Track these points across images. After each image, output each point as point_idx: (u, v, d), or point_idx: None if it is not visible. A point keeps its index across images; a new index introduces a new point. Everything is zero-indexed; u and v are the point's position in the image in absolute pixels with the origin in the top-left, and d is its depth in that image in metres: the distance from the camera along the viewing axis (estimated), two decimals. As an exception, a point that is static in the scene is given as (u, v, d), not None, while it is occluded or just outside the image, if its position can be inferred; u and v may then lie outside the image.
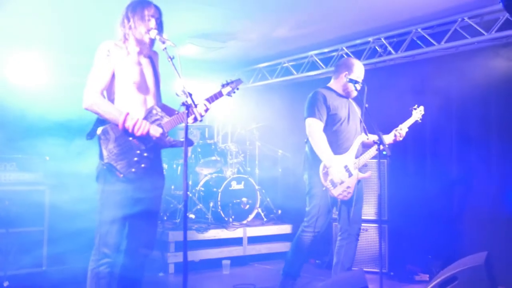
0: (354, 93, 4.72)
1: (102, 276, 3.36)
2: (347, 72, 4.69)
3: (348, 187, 4.53)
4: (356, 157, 4.63)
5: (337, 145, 4.60)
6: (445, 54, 5.98)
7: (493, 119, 5.59)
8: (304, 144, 4.79)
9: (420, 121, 4.98)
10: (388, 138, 4.80)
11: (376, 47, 6.49)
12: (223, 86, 3.76)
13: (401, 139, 4.83)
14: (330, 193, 4.49)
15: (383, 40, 6.34)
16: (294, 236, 4.81)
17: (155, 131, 3.42)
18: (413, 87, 6.26)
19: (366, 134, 4.79)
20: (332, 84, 4.81)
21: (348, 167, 4.55)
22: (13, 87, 6.50)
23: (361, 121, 4.80)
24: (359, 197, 4.69)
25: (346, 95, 4.76)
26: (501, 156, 5.48)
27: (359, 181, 4.68)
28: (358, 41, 6.63)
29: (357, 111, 4.83)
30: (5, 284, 4.93)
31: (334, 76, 4.82)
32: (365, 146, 4.76)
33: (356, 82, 4.60)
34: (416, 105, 4.94)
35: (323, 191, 4.52)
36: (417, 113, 4.95)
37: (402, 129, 4.83)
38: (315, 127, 4.56)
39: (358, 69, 4.71)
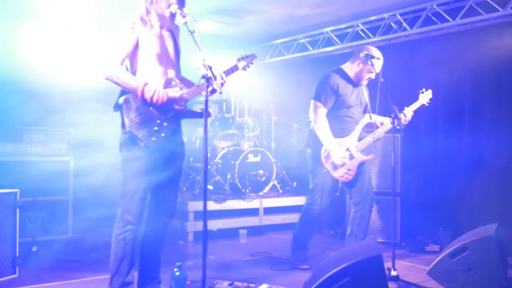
0: (364, 83, 4.84)
1: (125, 242, 3.50)
2: (362, 62, 4.74)
3: (350, 169, 4.71)
4: (359, 140, 4.78)
5: (341, 129, 4.78)
6: (460, 30, 6.02)
7: (505, 94, 5.65)
8: (309, 122, 4.93)
9: (427, 104, 4.95)
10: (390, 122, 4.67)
11: (391, 23, 6.53)
12: (238, 60, 3.85)
13: (406, 123, 4.80)
14: (331, 175, 4.72)
15: (398, 17, 6.38)
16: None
17: (174, 95, 3.53)
18: (428, 63, 6.32)
19: (370, 117, 4.87)
20: (347, 67, 4.89)
21: (350, 150, 4.72)
22: (37, 61, 6.62)
23: (366, 105, 4.92)
24: (365, 171, 4.82)
25: (357, 82, 4.85)
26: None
27: (362, 163, 4.79)
28: (373, 17, 6.66)
29: (365, 94, 4.95)
30: (34, 249, 5.16)
31: (351, 60, 4.87)
32: (371, 127, 4.87)
33: (372, 57, 4.61)
34: (424, 89, 4.93)
35: (327, 173, 4.75)
36: (424, 97, 4.93)
37: (407, 113, 4.82)
38: (318, 112, 4.72)
39: (375, 63, 4.66)
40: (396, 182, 5.99)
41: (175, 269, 3.73)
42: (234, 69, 3.79)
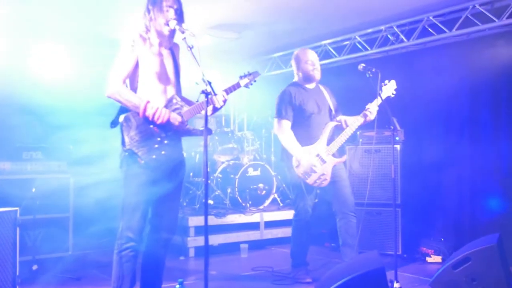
0: (316, 74, 4.99)
1: (127, 260, 3.48)
2: (297, 65, 5.04)
3: (323, 174, 4.75)
4: (328, 143, 4.84)
5: (308, 136, 4.86)
6: (456, 41, 6.05)
7: (504, 103, 5.66)
8: (274, 135, 4.98)
9: (392, 96, 4.94)
10: (357, 121, 4.84)
11: (388, 35, 6.57)
12: (241, 77, 3.87)
13: (372, 117, 4.85)
14: (306, 182, 4.77)
15: (395, 28, 6.42)
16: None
17: (175, 119, 3.52)
18: (425, 74, 6.35)
19: (337, 120, 4.98)
20: (296, 79, 5.11)
21: (321, 155, 4.77)
22: (38, 80, 6.66)
23: (330, 109, 5.00)
24: (341, 179, 4.88)
25: (310, 81, 5.02)
26: (511, 140, 5.58)
27: (338, 170, 4.86)
28: (370, 30, 6.71)
29: (326, 97, 5.06)
30: (34, 267, 5.12)
31: (294, 72, 5.13)
32: (341, 129, 4.92)
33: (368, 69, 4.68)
34: (386, 80, 4.90)
35: (301, 181, 4.80)
36: (388, 89, 4.92)
37: (371, 108, 4.85)
38: (282, 125, 4.89)
39: (306, 55, 5.00)
40: (397, 193, 5.98)
41: (177, 285, 3.71)
42: (236, 86, 3.79)
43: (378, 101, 4.87)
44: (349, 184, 4.94)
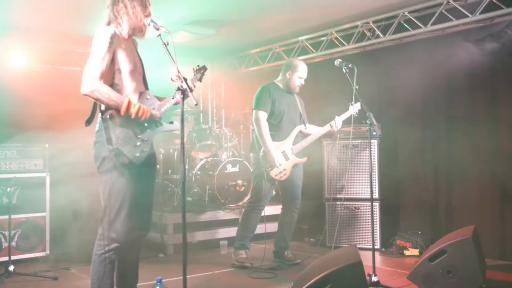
0: (297, 90, 5.51)
1: (110, 261, 3.41)
2: (290, 72, 5.44)
3: (285, 169, 5.31)
4: (294, 144, 5.37)
5: (277, 134, 5.36)
6: (431, 36, 6.10)
7: (478, 97, 5.74)
8: (252, 131, 5.49)
9: (356, 115, 5.44)
10: (324, 129, 5.46)
11: (365, 31, 6.60)
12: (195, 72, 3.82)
13: (336, 130, 5.49)
14: (269, 174, 5.27)
15: (371, 24, 6.44)
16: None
17: (156, 114, 3.49)
18: (401, 69, 6.38)
19: (305, 126, 5.53)
20: (278, 80, 5.56)
21: (286, 152, 5.33)
22: (12, 76, 6.57)
23: (301, 115, 5.55)
24: (297, 178, 5.45)
25: (289, 91, 5.50)
26: (488, 133, 5.65)
27: (297, 168, 5.42)
28: (347, 25, 6.72)
29: (298, 105, 5.56)
30: (11, 268, 5.05)
31: (281, 74, 5.56)
32: (305, 135, 5.50)
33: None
34: (353, 101, 5.20)
35: (264, 172, 5.30)
36: (353, 108, 5.46)
37: (337, 122, 5.45)
38: (260, 117, 5.32)
39: (302, 69, 5.45)
40: (374, 187, 6.03)
41: (155, 283, 3.69)
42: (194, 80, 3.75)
43: (345, 115, 5.46)
44: (301, 183, 5.52)
